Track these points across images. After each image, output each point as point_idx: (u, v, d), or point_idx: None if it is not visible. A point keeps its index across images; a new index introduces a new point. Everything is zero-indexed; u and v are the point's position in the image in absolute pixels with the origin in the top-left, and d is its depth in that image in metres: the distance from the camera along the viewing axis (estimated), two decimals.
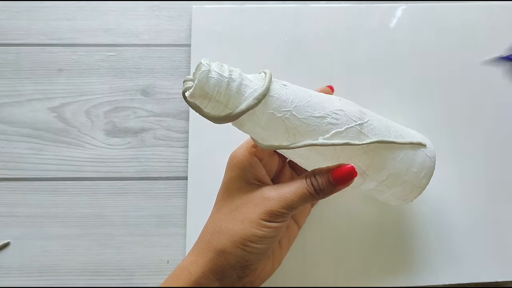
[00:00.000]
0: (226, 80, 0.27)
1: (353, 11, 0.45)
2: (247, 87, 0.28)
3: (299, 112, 0.29)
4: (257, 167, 0.32)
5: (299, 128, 0.29)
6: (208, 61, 0.27)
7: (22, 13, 0.45)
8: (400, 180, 0.32)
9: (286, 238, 0.35)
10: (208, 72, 0.27)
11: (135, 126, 0.43)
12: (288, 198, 0.30)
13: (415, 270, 0.39)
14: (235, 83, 0.27)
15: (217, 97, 0.27)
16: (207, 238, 0.31)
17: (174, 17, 0.46)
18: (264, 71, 0.29)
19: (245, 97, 0.28)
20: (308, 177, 0.30)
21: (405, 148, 0.32)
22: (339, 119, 0.30)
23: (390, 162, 0.32)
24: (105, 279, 0.39)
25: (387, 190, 0.33)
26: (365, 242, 0.39)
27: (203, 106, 0.28)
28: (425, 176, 0.33)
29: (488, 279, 0.39)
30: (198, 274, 0.30)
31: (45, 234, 0.40)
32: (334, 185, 0.30)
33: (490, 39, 0.44)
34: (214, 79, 0.27)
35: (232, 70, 0.28)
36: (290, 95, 0.29)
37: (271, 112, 0.28)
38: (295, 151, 0.30)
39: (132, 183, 0.41)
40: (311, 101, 0.29)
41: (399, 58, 0.44)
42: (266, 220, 0.29)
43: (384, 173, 0.32)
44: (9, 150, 0.42)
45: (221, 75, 0.27)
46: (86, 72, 0.44)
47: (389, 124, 0.33)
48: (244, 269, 0.30)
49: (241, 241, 0.29)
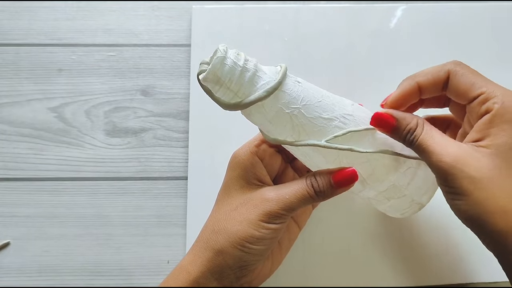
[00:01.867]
0: (240, 69, 0.27)
1: (353, 11, 0.45)
2: (260, 78, 0.28)
3: (307, 111, 0.29)
4: (258, 167, 0.32)
5: (305, 126, 0.29)
6: (226, 48, 0.27)
7: (22, 13, 0.45)
8: (400, 193, 0.32)
9: (286, 239, 0.35)
10: (223, 59, 0.27)
11: (135, 126, 0.43)
12: (287, 200, 0.30)
13: (415, 270, 0.39)
14: (249, 73, 0.27)
15: (229, 84, 0.27)
16: (205, 238, 0.31)
17: (174, 17, 0.46)
18: (281, 64, 0.29)
19: (256, 88, 0.28)
20: (308, 179, 0.30)
21: (410, 162, 0.31)
22: (347, 124, 0.29)
23: (392, 174, 0.31)
24: (105, 279, 0.39)
25: (386, 201, 0.33)
26: (365, 242, 0.39)
27: (215, 91, 0.28)
28: (427, 193, 0.32)
29: (488, 279, 0.39)
30: (196, 273, 0.30)
31: (45, 234, 0.40)
32: (334, 188, 0.30)
33: (490, 39, 0.44)
34: (228, 66, 0.27)
35: (248, 60, 0.28)
36: (301, 92, 0.29)
37: (279, 107, 0.28)
38: (298, 148, 0.30)
39: (132, 183, 0.41)
40: (322, 101, 0.29)
41: (399, 58, 0.44)
42: (264, 222, 0.29)
43: (384, 184, 0.31)
44: (9, 150, 0.42)
45: (235, 63, 0.27)
46: (86, 72, 0.44)
47: None
48: (242, 270, 0.30)
49: (239, 242, 0.29)
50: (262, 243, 0.30)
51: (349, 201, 0.40)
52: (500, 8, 0.45)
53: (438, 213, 0.40)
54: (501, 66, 0.44)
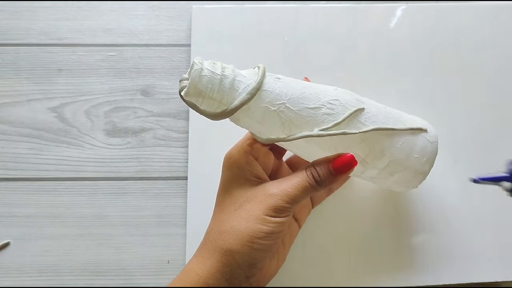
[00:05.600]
0: (219, 77, 0.28)
1: (353, 11, 0.45)
2: (240, 82, 0.28)
3: (293, 104, 0.29)
4: (254, 166, 0.32)
5: (294, 120, 0.29)
6: (201, 60, 0.28)
7: (21, 13, 0.45)
8: (401, 166, 0.32)
9: (288, 236, 0.35)
10: (200, 71, 0.27)
11: (135, 126, 0.43)
12: (290, 193, 0.30)
13: (415, 270, 0.39)
14: (228, 80, 0.28)
15: (211, 94, 0.28)
16: (213, 239, 0.31)
17: (174, 17, 0.46)
18: (258, 65, 0.29)
19: (239, 92, 0.28)
20: (308, 169, 0.31)
21: (405, 134, 0.32)
22: (335, 109, 0.30)
23: (389, 149, 0.32)
24: (105, 279, 0.39)
25: (389, 177, 0.33)
26: (365, 242, 0.39)
27: (199, 104, 0.28)
28: (427, 161, 0.33)
29: (488, 279, 0.39)
30: (206, 275, 0.30)
31: (45, 234, 0.40)
32: (334, 175, 0.30)
33: (490, 39, 0.44)
34: (207, 77, 0.27)
35: (225, 67, 0.28)
36: (283, 88, 0.29)
37: (265, 106, 0.29)
38: (292, 143, 0.31)
39: (132, 183, 0.41)
40: (306, 92, 0.30)
41: (399, 58, 0.44)
42: (271, 216, 0.30)
43: (384, 160, 0.32)
44: (9, 150, 0.42)
45: (213, 73, 0.27)
46: (86, 72, 0.44)
47: (388, 111, 0.33)
48: (252, 268, 0.30)
49: (249, 239, 0.29)
50: (271, 238, 0.30)
51: (349, 200, 0.40)
52: (500, 8, 0.45)
53: (438, 213, 0.40)
54: (501, 66, 0.44)
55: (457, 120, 0.42)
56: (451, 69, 0.43)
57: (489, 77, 0.43)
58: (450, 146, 0.41)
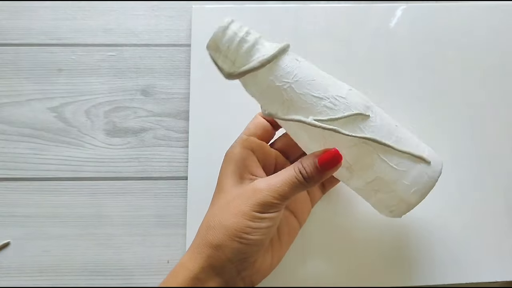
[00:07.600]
0: (238, 39, 0.29)
1: (353, 11, 0.45)
2: (258, 50, 0.29)
3: (298, 86, 0.29)
4: (250, 159, 0.33)
5: (294, 102, 0.29)
6: (231, 20, 0.29)
7: (21, 13, 0.45)
8: (387, 187, 0.31)
9: (286, 234, 0.35)
10: (224, 28, 0.29)
11: (135, 126, 0.43)
12: (279, 188, 0.30)
13: (415, 270, 0.39)
14: (247, 44, 0.29)
15: (226, 52, 0.29)
16: (203, 234, 0.31)
17: (174, 17, 0.46)
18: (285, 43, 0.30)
19: (253, 59, 0.29)
20: (296, 165, 0.31)
21: (402, 157, 0.31)
22: (337, 106, 0.30)
23: (379, 165, 0.31)
24: (105, 279, 0.39)
25: (373, 194, 0.32)
26: (365, 241, 0.39)
27: (216, 59, 0.29)
28: (416, 193, 0.31)
29: (488, 279, 0.39)
30: (197, 270, 0.30)
31: (45, 234, 0.40)
32: (320, 171, 0.30)
33: (490, 39, 0.44)
34: (228, 35, 0.29)
35: (250, 33, 0.29)
36: (297, 69, 0.29)
37: (271, 79, 0.29)
38: (290, 127, 0.31)
39: (132, 183, 0.41)
40: (316, 80, 0.30)
41: (399, 58, 0.44)
42: (259, 212, 0.30)
43: (370, 174, 0.31)
44: (9, 150, 0.42)
45: (235, 34, 0.29)
46: (86, 72, 0.44)
47: (397, 129, 0.31)
48: (243, 262, 0.30)
49: (236, 234, 0.30)
50: (259, 232, 0.30)
51: (349, 200, 0.40)
52: (500, 8, 0.45)
53: (438, 213, 0.40)
54: (501, 66, 0.44)
55: (456, 120, 0.42)
56: (451, 69, 0.43)
57: (489, 77, 0.43)
58: (450, 144, 0.41)
